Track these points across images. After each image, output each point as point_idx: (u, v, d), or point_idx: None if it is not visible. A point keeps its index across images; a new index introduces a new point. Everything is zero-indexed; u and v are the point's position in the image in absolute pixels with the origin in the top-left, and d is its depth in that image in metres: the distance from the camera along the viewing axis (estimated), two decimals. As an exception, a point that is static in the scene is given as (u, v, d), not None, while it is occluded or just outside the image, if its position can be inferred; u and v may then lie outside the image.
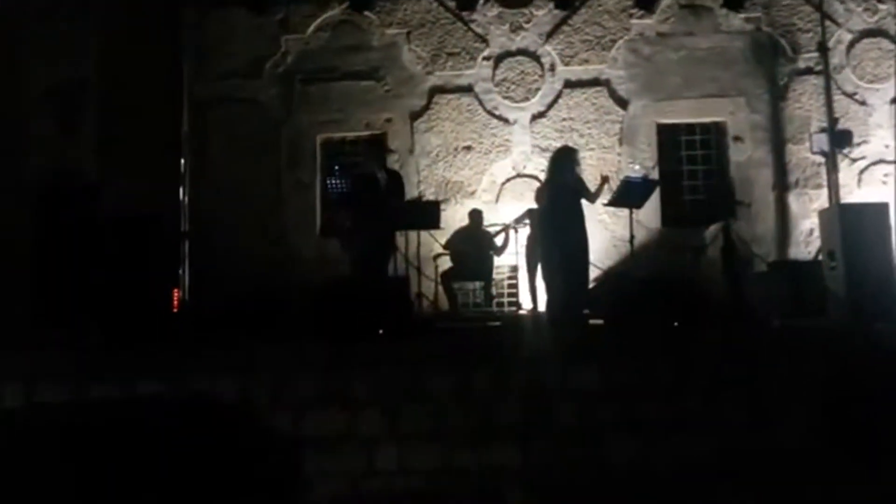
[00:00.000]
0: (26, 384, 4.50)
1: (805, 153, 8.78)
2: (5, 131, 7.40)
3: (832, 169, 6.31)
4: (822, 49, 6.37)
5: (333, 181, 6.20)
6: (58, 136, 7.58)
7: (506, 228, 8.04)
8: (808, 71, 8.84)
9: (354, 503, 4.73)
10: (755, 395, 4.80)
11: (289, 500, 4.71)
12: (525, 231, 7.91)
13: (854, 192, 8.62)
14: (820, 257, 6.36)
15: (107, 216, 5.85)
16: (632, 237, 6.42)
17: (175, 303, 5.38)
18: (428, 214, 7.28)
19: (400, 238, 6.98)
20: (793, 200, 8.91)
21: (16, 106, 7.53)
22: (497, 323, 7.56)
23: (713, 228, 7.01)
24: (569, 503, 4.43)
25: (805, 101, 8.92)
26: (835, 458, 4.50)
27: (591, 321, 6.21)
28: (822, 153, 7.61)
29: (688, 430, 4.81)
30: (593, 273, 7.02)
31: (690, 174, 9.21)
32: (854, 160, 8.18)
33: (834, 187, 6.19)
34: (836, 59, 8.86)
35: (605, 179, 6.56)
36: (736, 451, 4.70)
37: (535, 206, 7.09)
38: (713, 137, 9.24)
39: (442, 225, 7.98)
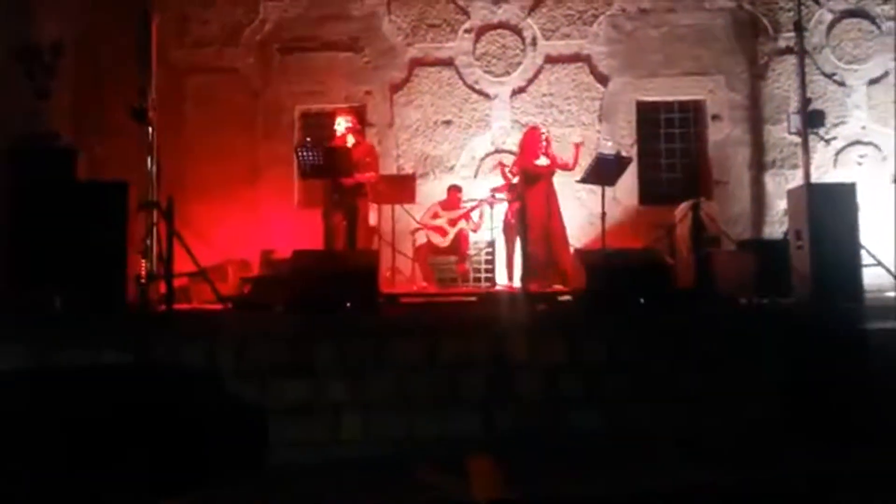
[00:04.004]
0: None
1: (783, 133, 8.82)
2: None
3: (805, 149, 6.35)
4: (798, 28, 6.37)
5: (305, 152, 6.16)
6: (31, 99, 7.45)
7: (480, 203, 8.03)
8: (789, 51, 8.84)
9: (320, 470, 4.76)
10: (717, 371, 4.86)
11: (255, 467, 4.77)
12: (502, 207, 7.92)
13: (830, 173, 8.70)
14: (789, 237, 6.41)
15: (76, 182, 5.78)
16: (603, 214, 6.45)
17: (142, 272, 5.36)
18: (403, 188, 7.27)
19: (374, 212, 6.98)
20: (769, 180, 8.98)
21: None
22: (472, 298, 7.59)
23: (683, 206, 7.06)
24: (530, 473, 4.48)
25: (784, 80, 8.94)
26: (794, 435, 4.58)
27: (560, 297, 6.26)
28: (799, 133, 7.64)
29: (651, 403, 4.88)
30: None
31: (669, 152, 9.24)
32: (828, 141, 8.23)
33: (805, 167, 6.24)
34: (815, 38, 8.87)
35: (577, 146, 6.83)
36: (698, 425, 4.78)
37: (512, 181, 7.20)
38: (692, 115, 9.26)
39: (418, 199, 7.99)
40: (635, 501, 3.80)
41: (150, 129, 5.60)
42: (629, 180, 8.57)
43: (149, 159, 5.57)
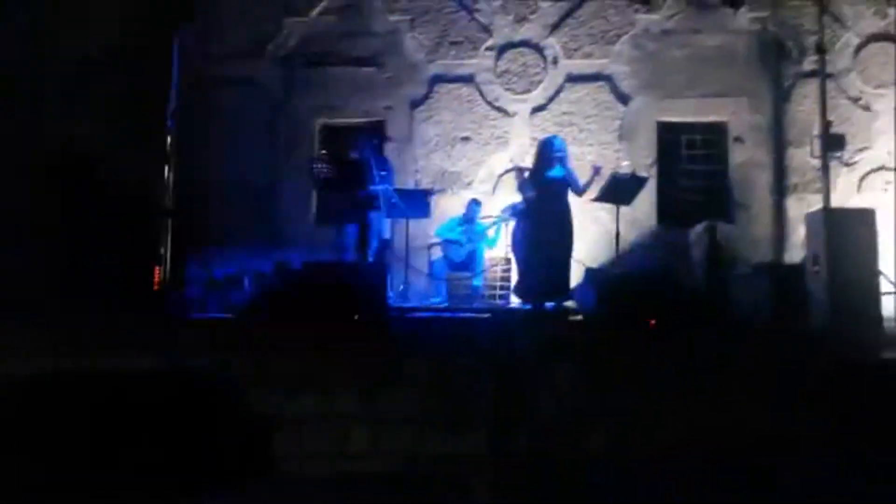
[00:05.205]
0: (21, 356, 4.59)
1: (806, 157, 8.71)
2: (22, 107, 7.47)
3: (825, 173, 6.28)
4: (821, 51, 6.33)
5: (319, 165, 6.24)
6: (69, 112, 7.64)
7: (497, 221, 8.05)
8: (813, 74, 8.66)
9: (329, 483, 4.78)
10: (725, 396, 4.80)
11: (261, 475, 4.80)
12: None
13: (854, 199, 8.55)
14: (808, 262, 6.32)
15: (102, 191, 5.90)
16: (617, 233, 6.42)
17: (156, 280, 5.45)
18: (417, 203, 7.28)
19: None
20: (791, 204, 8.85)
21: (30, 82, 7.59)
22: (484, 315, 7.57)
23: (698, 229, 7.00)
24: (538, 492, 4.45)
25: (808, 104, 8.81)
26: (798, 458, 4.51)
27: (571, 317, 6.24)
28: (820, 157, 7.57)
29: (657, 425, 4.83)
30: (577, 268, 7.04)
31: (689, 173, 9.17)
32: (850, 165, 8.11)
33: (825, 191, 6.16)
34: (841, 62, 8.77)
35: (595, 170, 6.66)
36: (703, 446, 4.72)
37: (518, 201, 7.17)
38: (714, 137, 9.19)
39: (434, 215, 8.02)
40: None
41: (169, 139, 5.71)
42: (648, 200, 8.53)
43: (166, 168, 5.68)
